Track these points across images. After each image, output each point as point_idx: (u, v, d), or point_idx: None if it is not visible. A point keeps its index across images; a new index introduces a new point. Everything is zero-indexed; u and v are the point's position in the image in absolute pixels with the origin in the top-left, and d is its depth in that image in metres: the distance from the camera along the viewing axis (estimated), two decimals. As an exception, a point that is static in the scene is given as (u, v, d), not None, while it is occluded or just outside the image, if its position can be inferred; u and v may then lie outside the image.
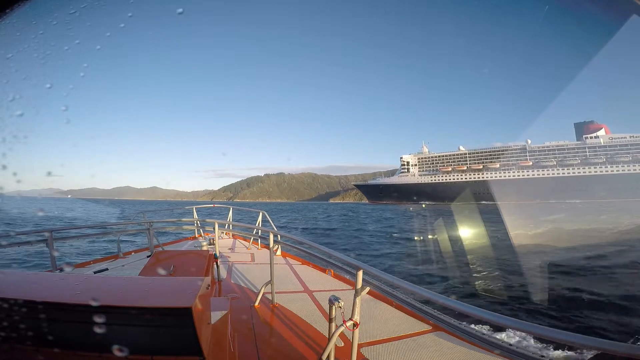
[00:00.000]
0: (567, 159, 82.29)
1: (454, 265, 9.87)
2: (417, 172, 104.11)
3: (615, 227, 19.43)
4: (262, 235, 6.81)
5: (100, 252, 9.48)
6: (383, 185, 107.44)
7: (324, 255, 3.90)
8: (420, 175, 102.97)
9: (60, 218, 24.40)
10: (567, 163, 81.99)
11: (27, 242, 4.29)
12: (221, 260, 5.29)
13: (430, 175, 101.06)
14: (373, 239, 18.08)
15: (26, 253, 8.37)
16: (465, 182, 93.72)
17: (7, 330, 0.92)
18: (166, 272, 2.48)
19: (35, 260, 8.58)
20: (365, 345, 2.62)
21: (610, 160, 77.04)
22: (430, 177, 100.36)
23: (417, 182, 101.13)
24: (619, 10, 1.03)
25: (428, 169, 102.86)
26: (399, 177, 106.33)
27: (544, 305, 6.28)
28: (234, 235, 8.58)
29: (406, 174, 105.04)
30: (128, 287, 1.24)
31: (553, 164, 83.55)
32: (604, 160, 77.74)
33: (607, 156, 77.61)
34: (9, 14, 0.86)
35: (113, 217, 31.35)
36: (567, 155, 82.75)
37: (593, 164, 78.52)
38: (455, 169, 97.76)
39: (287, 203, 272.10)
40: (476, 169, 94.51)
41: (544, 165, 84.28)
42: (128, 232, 6.82)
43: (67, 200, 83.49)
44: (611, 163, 76.73)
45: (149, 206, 62.80)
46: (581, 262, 9.65)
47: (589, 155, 79.68)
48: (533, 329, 1.39)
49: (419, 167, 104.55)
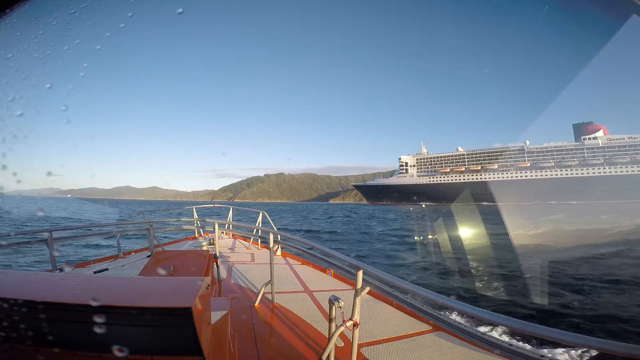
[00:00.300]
0: (565, 160, 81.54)
1: (488, 272, 9.28)
2: (416, 172, 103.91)
3: (614, 227, 19.25)
4: (262, 235, 6.81)
5: (100, 252, 9.49)
6: (382, 185, 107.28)
7: (324, 255, 3.90)
8: (419, 176, 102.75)
9: (48, 219, 23.24)
10: (565, 164, 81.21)
11: (27, 242, 4.29)
12: (221, 260, 5.28)
13: (429, 176, 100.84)
14: (388, 245, 16.11)
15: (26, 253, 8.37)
16: (463, 183, 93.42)
17: (7, 330, 0.92)
18: (166, 272, 2.48)
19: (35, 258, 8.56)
20: (365, 345, 2.62)
21: (609, 162, 76.34)
22: (429, 178, 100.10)
23: (415, 182, 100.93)
24: (619, 10, 1.03)
25: (426, 169, 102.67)
26: (398, 177, 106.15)
27: (543, 305, 6.28)
28: (234, 235, 8.59)
29: (405, 175, 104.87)
30: (128, 287, 1.24)
31: (551, 165, 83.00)
32: (602, 162, 76.86)
33: (606, 157, 76.93)
34: (9, 14, 0.86)
35: (106, 217, 30.19)
36: (565, 157, 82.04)
37: (591, 165, 77.95)
38: (453, 170, 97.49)
39: (287, 203, 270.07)
40: (474, 170, 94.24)
41: (542, 166, 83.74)
42: (128, 232, 6.82)
43: (66, 200, 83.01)
44: (609, 164, 76.01)
45: (147, 206, 60.36)
46: (580, 262, 9.62)
47: (587, 156, 79.01)
48: (533, 329, 1.38)
49: (418, 167, 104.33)
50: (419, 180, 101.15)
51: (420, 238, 17.75)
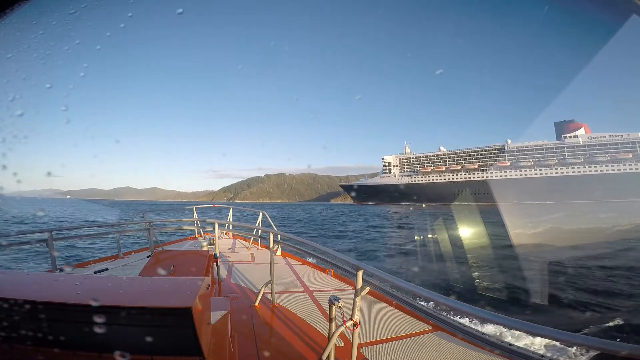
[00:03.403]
0: (545, 159, 79.59)
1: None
2: (398, 172, 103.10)
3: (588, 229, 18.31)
4: (262, 235, 6.82)
5: (100, 253, 9.48)
6: (365, 186, 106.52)
7: (324, 255, 3.90)
8: (401, 176, 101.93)
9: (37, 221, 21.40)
10: (544, 163, 79.35)
11: (27, 242, 4.29)
12: (221, 260, 5.28)
13: (411, 176, 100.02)
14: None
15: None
16: (443, 183, 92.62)
17: (7, 330, 0.92)
18: (166, 272, 2.48)
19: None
20: (365, 345, 2.62)
21: (589, 161, 74.57)
22: (411, 178, 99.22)
23: (397, 182, 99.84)
24: (619, 10, 1.03)
25: (409, 169, 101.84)
26: (381, 178, 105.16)
27: (542, 305, 6.27)
28: (234, 235, 8.59)
29: (387, 175, 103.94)
30: (128, 287, 1.24)
31: (531, 164, 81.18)
32: (582, 161, 75.25)
33: (586, 156, 75.12)
34: (9, 14, 0.86)
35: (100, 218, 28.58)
36: (545, 156, 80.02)
37: (571, 164, 76.17)
38: (434, 169, 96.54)
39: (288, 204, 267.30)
40: (454, 170, 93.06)
41: (521, 165, 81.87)
42: (128, 232, 6.82)
43: (65, 201, 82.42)
44: (589, 163, 74.33)
45: (147, 208, 58.35)
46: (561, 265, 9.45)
47: (568, 155, 77.23)
48: (533, 329, 1.38)
49: (400, 167, 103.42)
50: (401, 180, 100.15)
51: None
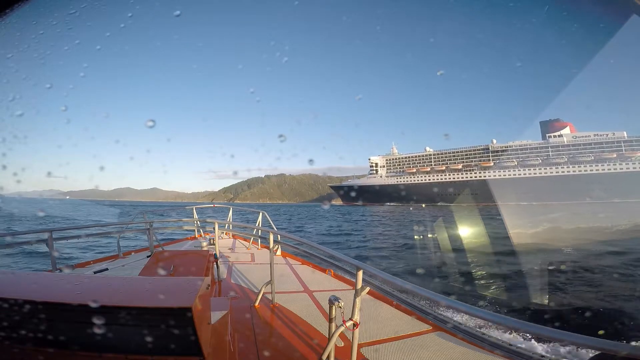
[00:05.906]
0: (529, 159, 77.84)
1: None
2: (385, 173, 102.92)
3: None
4: (262, 235, 6.82)
5: (100, 253, 9.46)
6: (351, 186, 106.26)
7: (324, 255, 3.90)
8: (388, 176, 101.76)
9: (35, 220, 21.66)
10: (528, 163, 77.60)
11: (27, 242, 4.30)
12: (221, 260, 5.28)
13: (397, 176, 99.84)
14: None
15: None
16: (429, 183, 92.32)
17: (7, 330, 0.92)
18: (166, 272, 2.48)
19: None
20: (365, 345, 2.62)
21: (573, 160, 73.14)
22: (396, 179, 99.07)
23: (383, 183, 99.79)
24: (619, 10, 1.03)
25: (395, 170, 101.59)
26: (368, 178, 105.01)
27: (542, 305, 6.27)
28: (234, 235, 8.59)
29: (374, 176, 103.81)
30: (128, 287, 1.24)
31: (514, 164, 79.40)
32: (566, 160, 73.78)
33: (570, 156, 73.63)
34: (9, 14, 0.86)
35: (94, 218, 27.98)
36: (529, 155, 78.31)
37: (554, 164, 74.70)
38: (419, 170, 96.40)
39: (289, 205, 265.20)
40: (439, 170, 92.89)
41: (504, 165, 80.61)
42: (128, 232, 6.82)
43: (65, 201, 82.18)
44: (573, 163, 72.94)
45: (147, 208, 57.57)
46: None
47: (552, 154, 75.56)
48: (533, 329, 1.38)
49: (387, 168, 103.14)
50: (387, 181, 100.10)
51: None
